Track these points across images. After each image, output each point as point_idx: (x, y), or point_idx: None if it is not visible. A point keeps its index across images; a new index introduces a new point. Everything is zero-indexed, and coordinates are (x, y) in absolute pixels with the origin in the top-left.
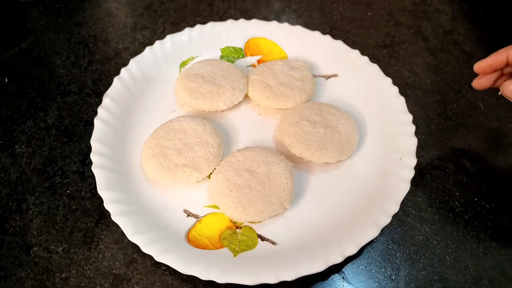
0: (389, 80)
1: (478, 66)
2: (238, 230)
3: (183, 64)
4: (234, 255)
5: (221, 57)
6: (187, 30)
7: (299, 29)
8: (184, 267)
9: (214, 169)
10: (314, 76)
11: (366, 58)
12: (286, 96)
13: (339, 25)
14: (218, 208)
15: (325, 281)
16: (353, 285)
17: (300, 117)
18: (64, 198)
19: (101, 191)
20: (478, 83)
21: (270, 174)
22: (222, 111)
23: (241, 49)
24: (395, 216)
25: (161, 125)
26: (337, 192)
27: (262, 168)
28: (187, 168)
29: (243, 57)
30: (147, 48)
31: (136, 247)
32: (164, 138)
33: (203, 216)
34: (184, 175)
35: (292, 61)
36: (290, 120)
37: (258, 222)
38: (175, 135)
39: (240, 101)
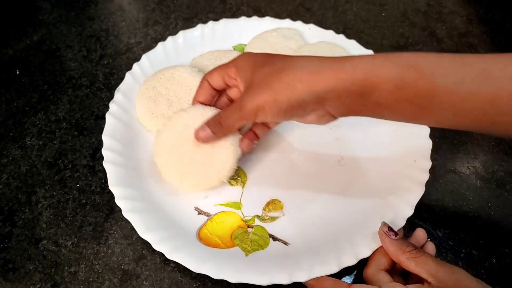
0: None
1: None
2: (249, 230)
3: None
4: (246, 255)
5: None
6: (199, 26)
7: (312, 28)
8: (196, 266)
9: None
10: None
11: None
12: None
13: (353, 25)
14: (229, 206)
15: None
16: None
17: None
18: (74, 192)
19: (112, 187)
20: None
21: (214, 147)
22: None
23: None
24: (407, 219)
25: (165, 68)
26: (351, 194)
27: None
28: None
29: None
30: (159, 44)
31: (145, 243)
32: (162, 84)
33: (214, 215)
34: None
35: (284, 30)
36: None
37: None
38: (171, 85)
39: None
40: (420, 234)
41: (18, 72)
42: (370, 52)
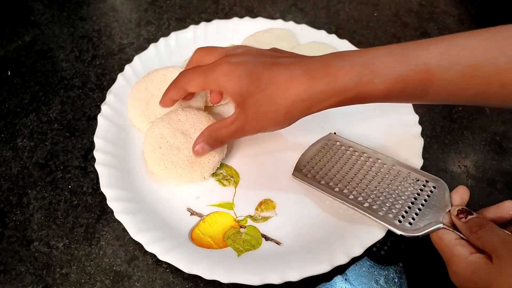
0: None
1: None
2: (242, 230)
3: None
4: (238, 255)
5: None
6: (191, 27)
7: (304, 28)
8: (188, 267)
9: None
10: None
11: None
12: None
13: (345, 25)
14: (222, 207)
15: (328, 282)
16: (356, 287)
17: None
18: (66, 193)
19: (104, 189)
20: None
21: None
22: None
23: None
24: None
25: (157, 70)
26: None
27: (198, 134)
28: None
29: None
30: (152, 45)
31: (137, 244)
32: (154, 86)
33: (206, 215)
34: None
35: (277, 31)
36: None
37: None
38: (163, 86)
39: None
40: (506, 206)
41: (9, 73)
42: None
